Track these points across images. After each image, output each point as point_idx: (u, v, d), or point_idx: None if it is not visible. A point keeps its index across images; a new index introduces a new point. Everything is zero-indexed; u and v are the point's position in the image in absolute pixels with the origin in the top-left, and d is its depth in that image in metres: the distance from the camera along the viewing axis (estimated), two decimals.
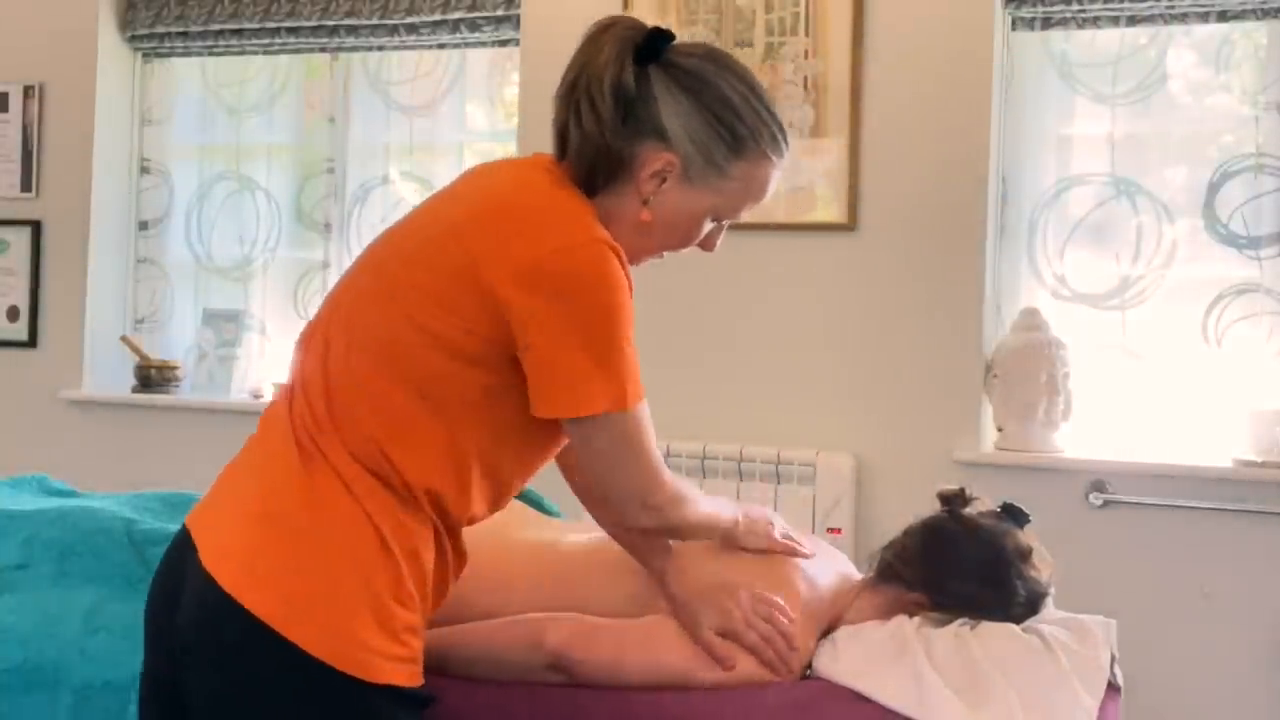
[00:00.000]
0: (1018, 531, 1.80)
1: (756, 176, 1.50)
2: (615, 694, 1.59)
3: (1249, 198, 3.05)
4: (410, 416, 1.40)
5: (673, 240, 1.53)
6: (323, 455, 1.40)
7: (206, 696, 1.38)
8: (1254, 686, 2.90)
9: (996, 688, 1.57)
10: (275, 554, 1.37)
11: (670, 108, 1.45)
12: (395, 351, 1.41)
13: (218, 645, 1.36)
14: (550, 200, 1.44)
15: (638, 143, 1.45)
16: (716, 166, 1.47)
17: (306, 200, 3.94)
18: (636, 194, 1.47)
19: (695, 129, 1.45)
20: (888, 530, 1.89)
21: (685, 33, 3.31)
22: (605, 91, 1.43)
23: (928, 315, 3.15)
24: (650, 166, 1.45)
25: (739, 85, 1.48)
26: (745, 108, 1.47)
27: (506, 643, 1.64)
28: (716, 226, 1.55)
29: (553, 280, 1.37)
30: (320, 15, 3.77)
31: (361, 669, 1.34)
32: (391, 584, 1.38)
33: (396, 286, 1.43)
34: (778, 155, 1.51)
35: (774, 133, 1.49)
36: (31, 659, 1.75)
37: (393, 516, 1.39)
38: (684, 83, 1.46)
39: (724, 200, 1.50)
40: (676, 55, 1.47)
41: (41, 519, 1.92)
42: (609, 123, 1.43)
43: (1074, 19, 3.13)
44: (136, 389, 3.89)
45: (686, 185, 1.47)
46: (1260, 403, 2.98)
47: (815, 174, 3.23)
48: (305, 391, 1.45)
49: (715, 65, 1.48)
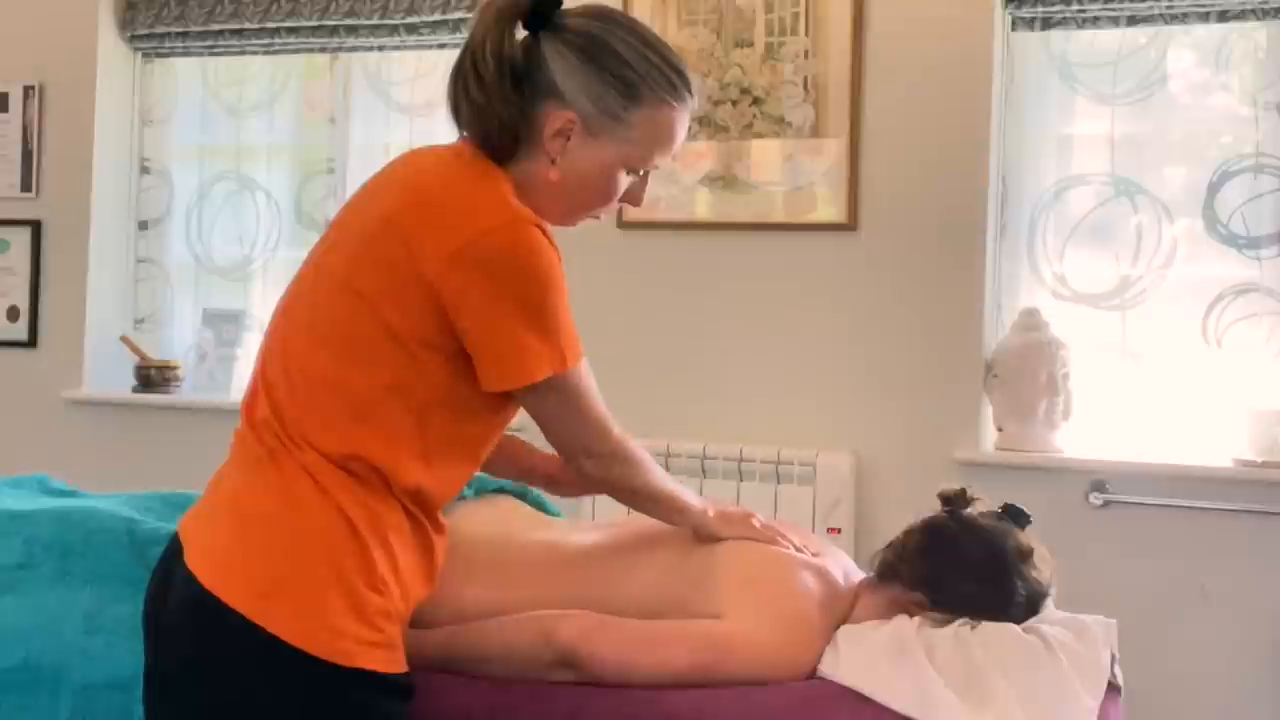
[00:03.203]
0: (1018, 532, 1.80)
1: (659, 122, 1.52)
2: (617, 693, 1.59)
3: (1249, 198, 3.05)
4: (376, 406, 1.45)
5: (591, 197, 1.56)
6: (291, 455, 1.45)
7: (193, 688, 1.42)
8: (1254, 686, 2.90)
9: (997, 688, 1.57)
10: (249, 547, 1.42)
11: (561, 67, 1.49)
12: (356, 345, 1.46)
13: (200, 637, 1.41)
14: (470, 185, 1.48)
15: (534, 107, 1.50)
16: (615, 117, 1.50)
17: (306, 200, 3.94)
18: (545, 157, 1.51)
19: (588, 83, 1.49)
20: (888, 530, 1.89)
21: (685, 32, 3.31)
22: (489, 61, 1.48)
23: (928, 315, 3.15)
24: (552, 126, 1.50)
25: (627, 36, 1.51)
26: (634, 55, 1.50)
27: (515, 639, 1.64)
28: (637, 179, 1.58)
29: (480, 263, 1.42)
30: (320, 15, 3.78)
31: (335, 653, 1.38)
32: (363, 570, 1.42)
33: (348, 283, 1.47)
34: (677, 100, 1.53)
35: (669, 78, 1.52)
36: (32, 659, 1.75)
37: (363, 505, 1.44)
38: (573, 42, 1.50)
39: (632, 149, 1.53)
40: (565, 19, 1.52)
41: (42, 519, 1.92)
42: (496, 91, 1.48)
43: (1074, 19, 3.13)
44: (136, 389, 3.89)
45: (591, 140, 1.51)
46: (1260, 403, 2.98)
47: (815, 174, 3.23)
48: (269, 395, 1.50)
49: (602, 22, 1.52)
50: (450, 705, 1.60)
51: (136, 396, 3.87)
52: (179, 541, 1.48)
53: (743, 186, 3.28)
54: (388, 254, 1.45)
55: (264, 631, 1.37)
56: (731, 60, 3.29)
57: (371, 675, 1.41)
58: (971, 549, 1.76)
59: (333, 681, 1.39)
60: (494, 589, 1.72)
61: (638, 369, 3.31)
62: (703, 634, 1.64)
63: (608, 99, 1.49)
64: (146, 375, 3.88)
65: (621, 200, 1.59)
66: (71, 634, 1.76)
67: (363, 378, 1.45)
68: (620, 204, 1.60)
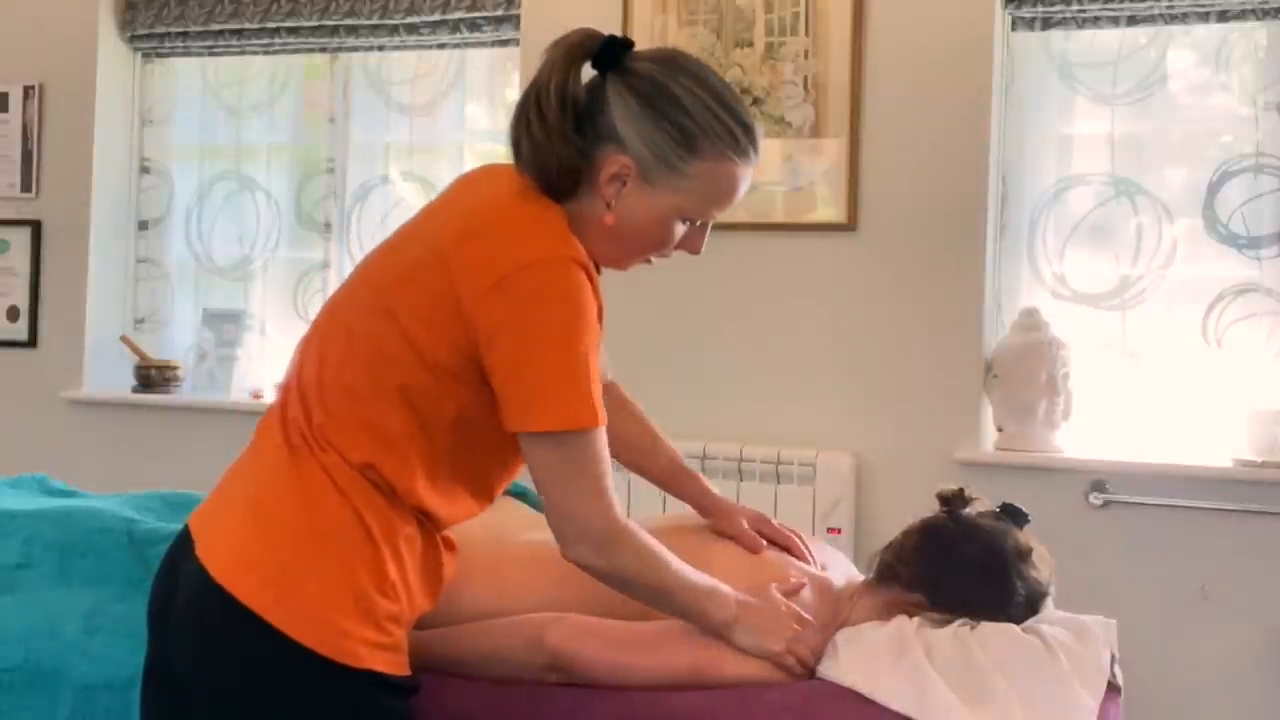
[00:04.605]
0: (1017, 531, 1.79)
1: (718, 176, 1.49)
2: (616, 694, 1.59)
3: (1249, 198, 3.05)
4: (396, 426, 1.45)
5: (645, 244, 1.53)
6: (313, 455, 1.46)
7: (200, 681, 1.43)
8: (1254, 686, 2.90)
9: (996, 688, 1.57)
10: (264, 544, 1.43)
11: (621, 111, 1.47)
12: (386, 364, 1.46)
13: (209, 632, 1.42)
14: (521, 218, 1.46)
15: (594, 149, 1.47)
16: (672, 166, 1.47)
17: (306, 200, 3.94)
18: (601, 200, 1.49)
19: (645, 130, 1.46)
20: (888, 530, 1.89)
21: (685, 33, 3.31)
22: (552, 99, 1.46)
23: (928, 315, 3.15)
24: (608, 170, 1.48)
25: (692, 85, 1.48)
26: (696, 106, 1.47)
27: (507, 642, 1.64)
28: (695, 228, 1.54)
29: (515, 295, 1.40)
30: (320, 15, 3.78)
31: (343, 654, 1.39)
32: (375, 574, 1.43)
33: (389, 303, 1.47)
34: (739, 154, 1.50)
35: (732, 131, 1.49)
36: (32, 659, 1.75)
37: (379, 511, 1.45)
38: (636, 87, 1.47)
39: (688, 201, 1.49)
40: (633, 62, 1.49)
41: (42, 519, 1.92)
42: (557, 130, 1.46)
43: (1074, 19, 3.13)
44: (136, 389, 3.89)
45: (646, 187, 1.48)
46: (1260, 403, 2.98)
47: (815, 174, 3.23)
48: (301, 396, 1.50)
49: (669, 68, 1.49)
50: (451, 705, 1.60)
51: (136, 396, 3.88)
52: (189, 535, 1.49)
53: None
54: (430, 282, 1.44)
55: (273, 628, 1.38)
56: (731, 60, 3.29)
57: (378, 677, 1.42)
58: (970, 549, 1.76)
59: (340, 681, 1.40)
60: (490, 589, 1.72)
61: (637, 369, 3.30)
62: (694, 633, 1.64)
63: (665, 148, 1.46)
64: (146, 375, 3.88)
65: (678, 248, 1.55)
66: (71, 634, 1.76)
67: (384, 396, 1.45)
68: (677, 250, 1.56)
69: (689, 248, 1.56)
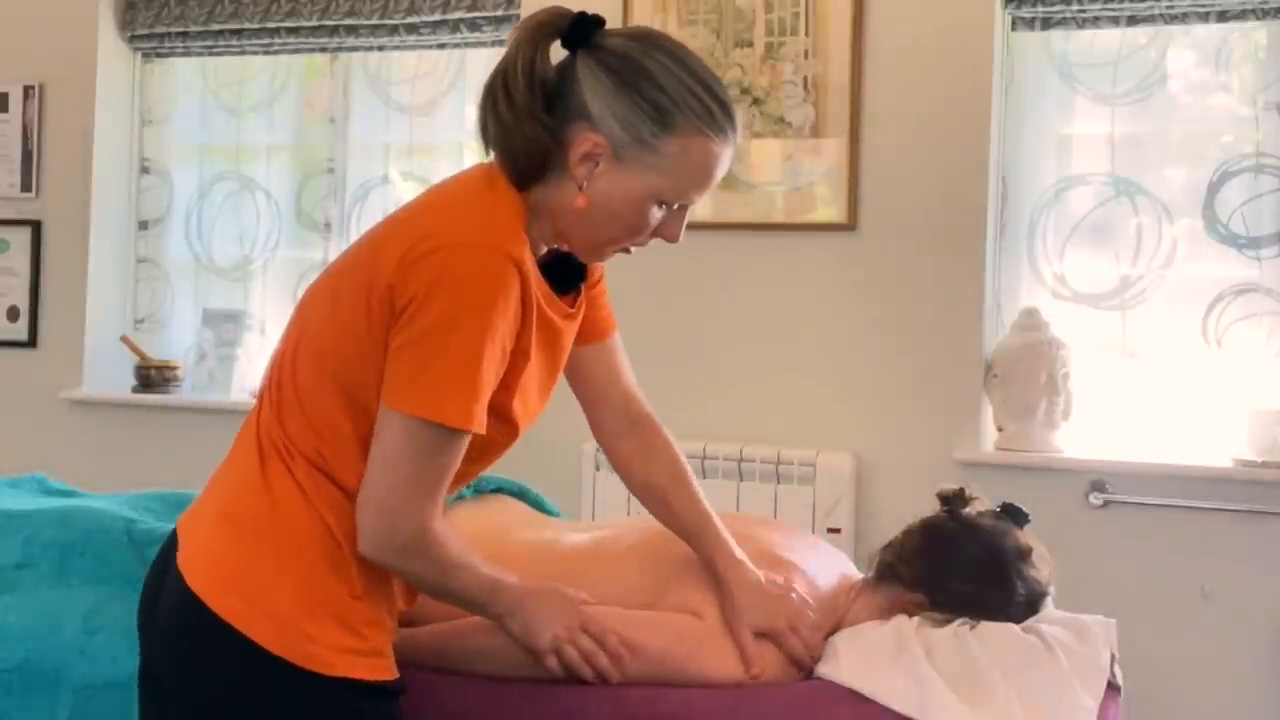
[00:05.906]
0: (1017, 531, 1.80)
1: (693, 154, 1.42)
2: (614, 692, 1.59)
3: (1249, 198, 3.05)
4: (339, 419, 1.43)
5: (619, 228, 1.46)
6: (279, 458, 1.44)
7: (177, 687, 1.44)
8: (1254, 686, 2.90)
9: (996, 688, 1.57)
10: (236, 555, 1.43)
11: (592, 88, 1.41)
12: (326, 357, 1.44)
13: (187, 642, 1.43)
14: (469, 200, 1.44)
15: (565, 129, 1.42)
16: (645, 144, 1.40)
17: (306, 200, 3.94)
18: (573, 183, 1.44)
19: (618, 106, 1.40)
20: (888, 530, 1.89)
21: (685, 32, 3.31)
22: (519, 79, 1.41)
23: (928, 315, 3.15)
24: (579, 149, 1.42)
25: (666, 60, 1.42)
26: (670, 81, 1.41)
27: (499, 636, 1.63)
28: (672, 213, 1.47)
29: (431, 272, 1.35)
30: (320, 15, 3.78)
31: (318, 663, 1.39)
32: (346, 580, 1.42)
33: (335, 292, 1.46)
34: (715, 131, 1.42)
35: (708, 108, 1.42)
36: (32, 659, 1.75)
37: (345, 515, 1.42)
38: (608, 63, 1.41)
39: (663, 181, 1.43)
40: (604, 39, 1.44)
41: (41, 519, 1.92)
42: (525, 110, 1.40)
43: (1074, 19, 3.13)
44: (136, 389, 3.89)
45: (619, 167, 1.42)
46: (1260, 403, 2.98)
47: (815, 174, 3.23)
48: (269, 396, 1.49)
49: (643, 44, 1.43)
50: (448, 704, 1.60)
51: (136, 396, 3.87)
52: (175, 537, 1.49)
53: (743, 186, 3.28)
54: (361, 265, 1.43)
55: (247, 639, 1.38)
56: (731, 60, 3.29)
57: (354, 683, 1.41)
58: (970, 548, 1.76)
59: (312, 690, 1.39)
60: None
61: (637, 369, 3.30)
62: (675, 625, 1.64)
63: (638, 124, 1.40)
64: (146, 375, 3.88)
65: (654, 235, 1.48)
66: (71, 634, 1.76)
67: (331, 390, 1.43)
68: (653, 238, 1.49)
69: (666, 235, 1.48)
